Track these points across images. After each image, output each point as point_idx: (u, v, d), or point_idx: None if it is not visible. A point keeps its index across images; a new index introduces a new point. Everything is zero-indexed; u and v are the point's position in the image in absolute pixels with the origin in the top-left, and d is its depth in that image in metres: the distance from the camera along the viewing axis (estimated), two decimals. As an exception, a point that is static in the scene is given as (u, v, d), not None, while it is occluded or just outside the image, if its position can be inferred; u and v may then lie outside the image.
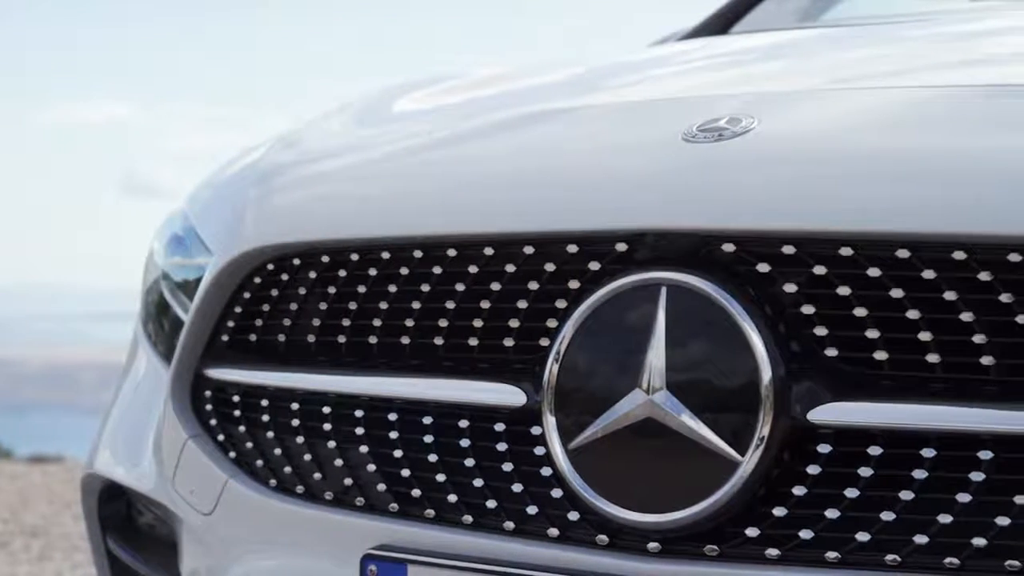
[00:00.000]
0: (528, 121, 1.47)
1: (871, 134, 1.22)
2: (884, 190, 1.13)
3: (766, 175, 1.18)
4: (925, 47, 1.62)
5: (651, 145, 1.28)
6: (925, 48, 1.61)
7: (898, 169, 1.15)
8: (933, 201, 1.10)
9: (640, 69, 1.74)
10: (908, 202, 1.11)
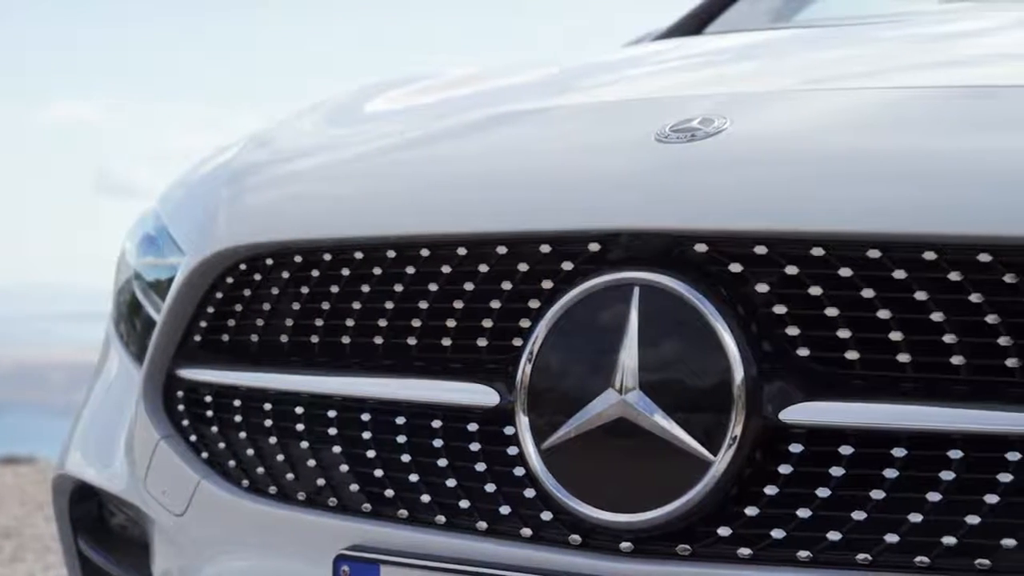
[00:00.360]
0: (501, 121, 1.48)
1: (843, 135, 1.23)
2: (855, 191, 1.14)
3: (738, 175, 1.19)
4: (897, 48, 1.63)
5: (624, 145, 1.28)
6: (897, 49, 1.62)
7: (869, 170, 1.16)
8: (903, 202, 1.11)
9: (614, 69, 1.74)
10: (879, 203, 1.12)
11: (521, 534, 1.21)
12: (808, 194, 1.15)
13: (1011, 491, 1.05)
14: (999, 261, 1.07)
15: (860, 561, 1.09)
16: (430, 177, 1.39)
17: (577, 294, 1.20)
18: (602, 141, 1.33)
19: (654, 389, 1.15)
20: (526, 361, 1.21)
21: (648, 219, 1.18)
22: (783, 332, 1.14)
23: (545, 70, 1.75)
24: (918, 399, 1.09)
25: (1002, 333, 1.07)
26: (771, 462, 1.13)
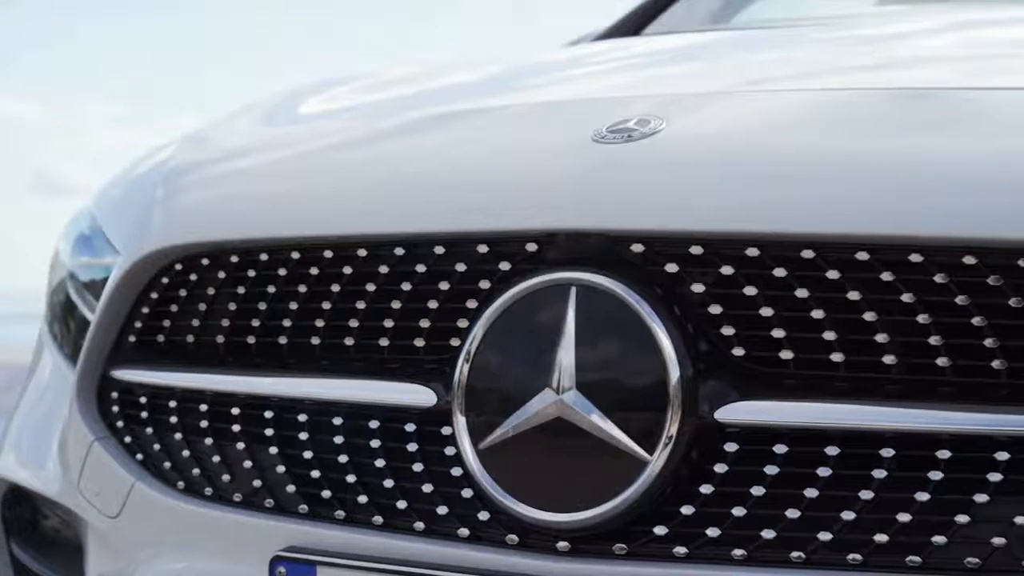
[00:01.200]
0: (439, 121, 1.48)
1: (777, 136, 1.24)
2: (789, 191, 1.15)
3: (673, 176, 1.20)
4: (833, 50, 1.65)
5: (561, 146, 1.29)
6: (833, 51, 1.64)
7: (803, 171, 1.17)
8: (837, 202, 1.13)
9: (553, 70, 1.75)
10: (812, 203, 1.13)
11: (458, 534, 1.22)
12: (742, 195, 1.16)
13: (942, 488, 1.07)
14: (931, 261, 1.08)
15: (794, 559, 1.10)
16: (367, 177, 1.39)
17: (514, 294, 1.21)
18: (540, 141, 1.34)
19: (591, 389, 1.16)
20: (463, 361, 1.22)
21: (585, 219, 1.19)
22: (719, 332, 1.15)
23: (484, 70, 1.76)
24: (851, 398, 1.10)
25: (933, 332, 1.09)
26: (707, 461, 1.14)
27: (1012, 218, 1.07)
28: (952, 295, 1.08)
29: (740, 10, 2.20)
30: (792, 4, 2.24)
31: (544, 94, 1.59)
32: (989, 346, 1.07)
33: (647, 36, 2.11)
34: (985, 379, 1.07)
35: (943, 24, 1.79)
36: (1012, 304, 1.06)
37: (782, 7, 2.20)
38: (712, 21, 2.17)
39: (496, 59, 1.83)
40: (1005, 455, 1.05)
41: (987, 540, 1.05)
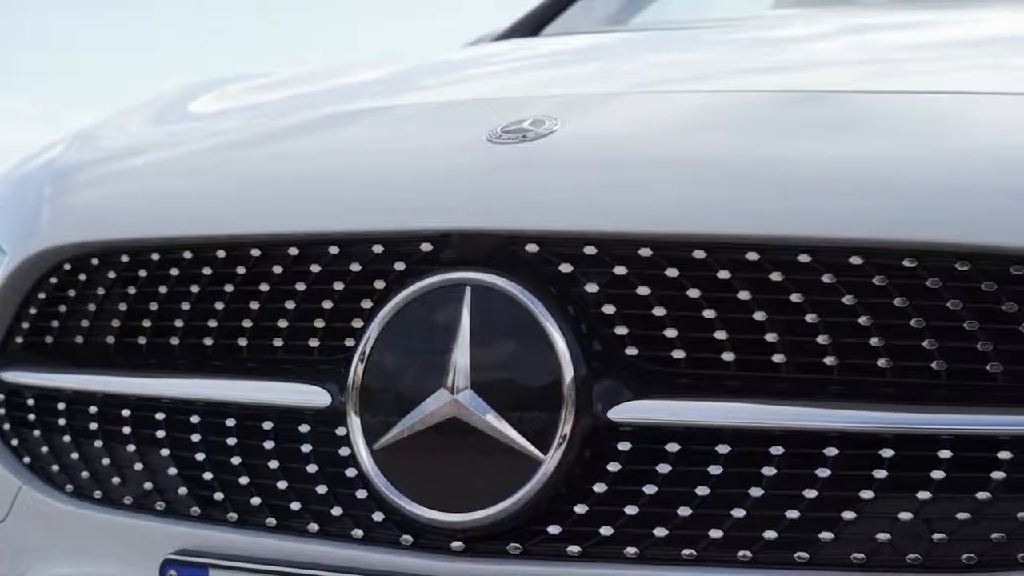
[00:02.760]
0: (334, 121, 1.49)
1: (670, 137, 1.27)
2: (681, 193, 1.18)
3: (568, 177, 1.22)
4: (729, 52, 1.68)
5: (457, 146, 1.30)
6: (729, 53, 1.67)
7: (694, 172, 1.20)
8: (727, 204, 1.15)
9: (451, 70, 1.77)
10: (703, 204, 1.16)
11: (352, 535, 1.22)
12: (635, 196, 1.19)
13: (830, 485, 1.10)
14: (818, 262, 1.12)
15: (685, 557, 1.13)
16: (261, 176, 1.39)
17: (409, 294, 1.22)
18: (435, 141, 1.35)
19: (486, 389, 1.17)
20: (358, 361, 1.22)
21: (479, 219, 1.21)
22: (612, 332, 1.17)
23: (380, 70, 1.76)
24: (742, 397, 1.13)
25: (821, 332, 1.12)
26: (600, 460, 1.16)
27: (896, 220, 1.10)
28: (839, 295, 1.11)
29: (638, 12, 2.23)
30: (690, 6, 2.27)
31: (441, 94, 1.60)
32: (875, 345, 1.10)
33: (546, 37, 2.13)
34: (871, 377, 1.10)
35: (838, 28, 1.83)
36: (897, 304, 1.09)
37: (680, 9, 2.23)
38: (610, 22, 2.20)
39: (393, 59, 1.84)
40: (890, 452, 1.09)
41: (872, 536, 1.08)
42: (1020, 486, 1.06)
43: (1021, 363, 1.07)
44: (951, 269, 1.08)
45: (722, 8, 2.23)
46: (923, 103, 1.26)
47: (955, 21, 1.76)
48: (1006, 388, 1.07)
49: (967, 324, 1.07)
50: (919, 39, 1.65)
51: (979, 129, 1.19)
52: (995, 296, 1.07)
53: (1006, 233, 1.07)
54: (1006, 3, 1.90)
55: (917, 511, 1.08)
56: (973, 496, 1.06)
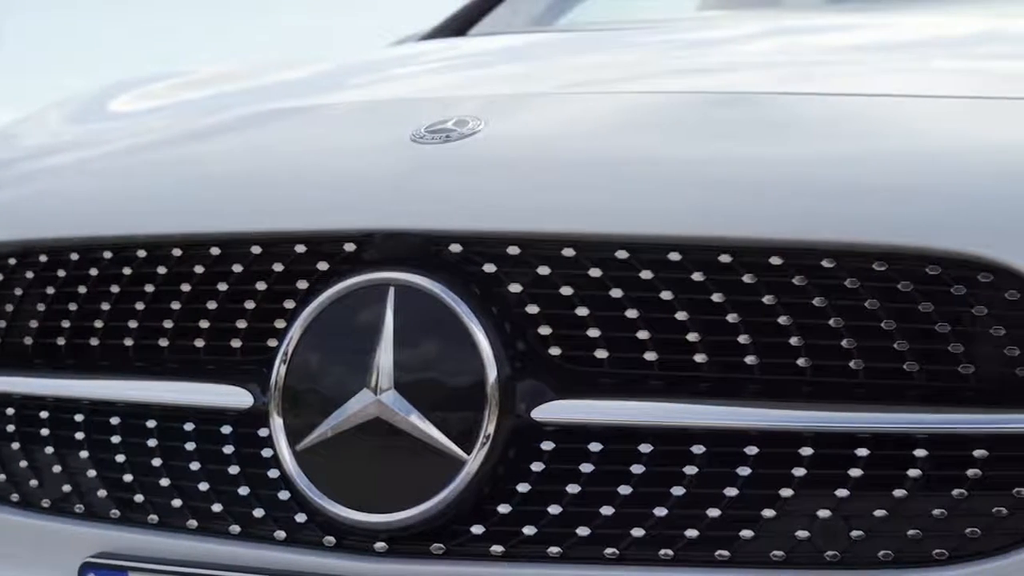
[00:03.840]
0: (257, 120, 1.49)
1: (594, 138, 1.28)
2: (604, 193, 1.19)
3: (491, 177, 1.23)
4: (654, 54, 1.70)
5: (380, 146, 1.31)
6: (653, 55, 1.69)
7: (617, 173, 1.21)
8: (649, 204, 1.17)
9: (376, 69, 1.77)
10: (625, 205, 1.18)
11: (275, 537, 1.23)
12: (558, 196, 1.20)
13: (749, 484, 1.12)
14: (739, 262, 1.13)
15: (608, 555, 1.14)
16: (182, 175, 1.39)
17: (332, 294, 1.22)
18: (359, 141, 1.35)
19: (409, 389, 1.18)
20: (280, 362, 1.23)
21: (402, 219, 1.22)
22: (536, 331, 1.18)
23: (305, 69, 1.77)
24: (664, 396, 1.15)
25: (742, 331, 1.13)
26: (524, 460, 1.17)
27: (815, 220, 1.12)
28: (760, 295, 1.13)
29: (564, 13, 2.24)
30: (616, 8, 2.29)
31: (365, 94, 1.60)
32: (795, 344, 1.12)
33: (472, 37, 2.14)
34: (791, 376, 1.12)
35: (763, 30, 1.85)
36: (816, 304, 1.11)
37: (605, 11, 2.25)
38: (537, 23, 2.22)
39: (319, 58, 1.84)
40: (809, 450, 1.11)
41: (792, 534, 1.11)
42: (936, 484, 1.08)
43: (937, 362, 1.09)
44: (869, 269, 1.10)
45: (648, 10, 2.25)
46: (843, 105, 1.28)
47: (879, 24, 1.80)
48: (923, 387, 1.09)
49: (884, 323, 1.10)
50: (842, 42, 1.68)
51: (897, 131, 1.22)
52: (911, 296, 1.09)
53: (922, 233, 1.09)
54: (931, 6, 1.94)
55: (836, 509, 1.10)
56: (890, 494, 1.09)
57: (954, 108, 1.26)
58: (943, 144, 1.18)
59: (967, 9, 1.91)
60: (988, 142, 1.17)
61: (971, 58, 1.49)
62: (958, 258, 1.08)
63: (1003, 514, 1.07)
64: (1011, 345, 1.07)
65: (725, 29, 1.93)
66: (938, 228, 1.09)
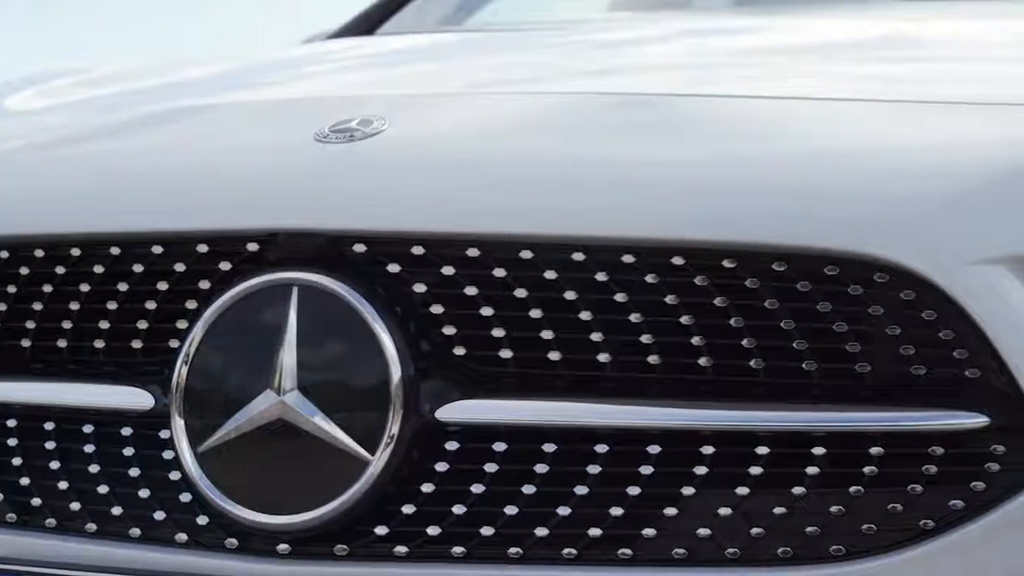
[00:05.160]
0: (160, 118, 1.49)
1: (500, 139, 1.30)
2: (508, 194, 1.21)
3: (395, 177, 1.24)
4: (562, 55, 1.72)
5: (284, 145, 1.32)
6: (562, 56, 1.71)
7: (522, 173, 1.23)
8: (553, 205, 1.19)
9: (283, 68, 1.78)
10: (530, 205, 1.19)
11: (176, 539, 1.23)
12: (463, 196, 1.21)
13: (652, 482, 1.14)
14: (642, 262, 1.16)
15: (512, 555, 1.15)
16: (81, 174, 1.38)
17: (235, 294, 1.23)
18: (263, 140, 1.36)
19: (313, 390, 1.19)
20: (182, 363, 1.23)
21: (306, 219, 1.22)
22: (440, 332, 1.19)
23: (210, 67, 1.77)
24: (567, 396, 1.16)
25: (645, 331, 1.16)
26: (428, 460, 1.18)
27: (716, 221, 1.15)
28: (662, 295, 1.15)
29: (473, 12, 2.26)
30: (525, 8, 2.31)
31: (270, 92, 1.61)
32: (696, 344, 1.14)
33: (380, 36, 2.15)
34: (693, 376, 1.15)
35: (671, 32, 1.88)
36: (717, 303, 1.14)
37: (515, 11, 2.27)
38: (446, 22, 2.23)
39: (225, 56, 1.84)
40: (710, 449, 1.13)
41: (693, 532, 1.13)
42: (833, 481, 1.11)
43: (834, 361, 1.12)
44: (769, 269, 1.13)
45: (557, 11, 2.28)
46: (745, 107, 1.31)
47: (785, 27, 1.83)
48: (820, 386, 1.12)
49: (784, 323, 1.12)
50: (748, 44, 1.71)
51: (798, 133, 1.25)
52: (810, 296, 1.12)
53: (820, 234, 1.12)
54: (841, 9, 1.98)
55: (736, 507, 1.12)
56: (790, 491, 1.11)
57: (853, 110, 1.29)
58: (841, 146, 1.21)
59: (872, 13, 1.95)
60: (885, 144, 1.20)
61: (872, 61, 1.52)
62: (855, 258, 1.11)
63: (898, 510, 1.10)
64: (906, 344, 1.11)
65: (633, 31, 1.96)
66: (835, 229, 1.12)
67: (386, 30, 2.18)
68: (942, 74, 1.43)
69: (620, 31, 1.96)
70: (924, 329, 1.10)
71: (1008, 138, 1.18)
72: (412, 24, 2.19)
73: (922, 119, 1.25)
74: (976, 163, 1.16)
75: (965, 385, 1.10)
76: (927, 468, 1.10)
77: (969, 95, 1.31)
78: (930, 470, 1.10)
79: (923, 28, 1.74)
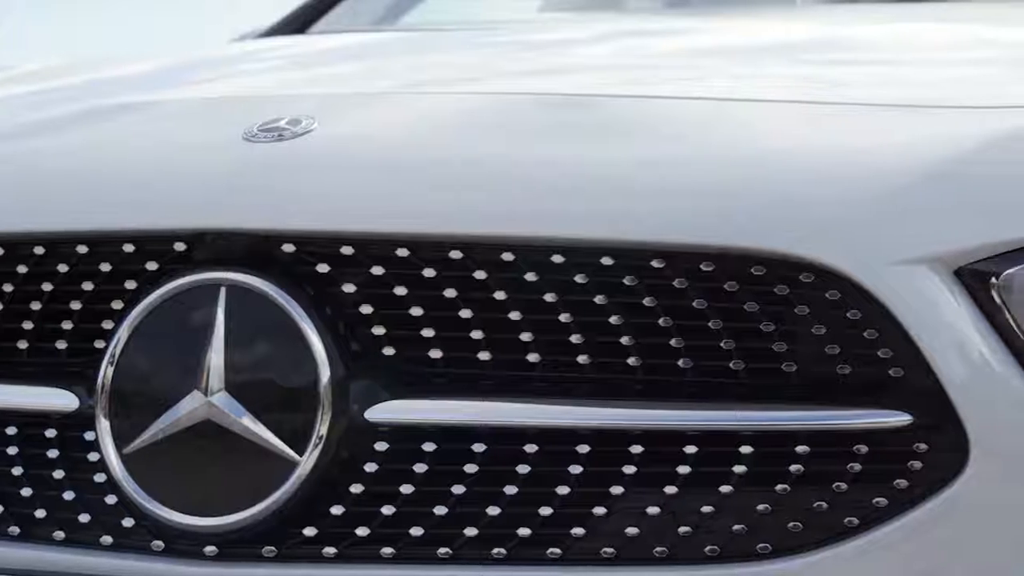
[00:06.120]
0: (86, 116, 1.48)
1: (430, 138, 1.30)
2: (437, 193, 1.22)
3: (324, 176, 1.25)
4: (493, 55, 1.73)
5: (212, 144, 1.32)
6: (493, 56, 1.72)
7: (452, 174, 1.24)
8: (482, 205, 1.20)
9: (213, 66, 1.78)
10: (459, 205, 1.20)
11: (101, 542, 1.22)
12: (391, 196, 1.22)
13: (581, 482, 1.15)
14: (571, 262, 1.17)
15: (441, 555, 1.16)
16: (5, 173, 1.37)
17: (161, 295, 1.22)
18: (191, 139, 1.36)
19: (241, 390, 1.19)
20: (107, 364, 1.23)
21: (233, 219, 1.23)
22: (370, 332, 1.20)
23: (139, 65, 1.76)
24: (496, 396, 1.17)
25: (574, 331, 1.17)
26: (357, 461, 1.19)
27: (644, 222, 1.16)
28: (592, 295, 1.16)
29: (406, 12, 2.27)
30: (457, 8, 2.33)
31: (199, 91, 1.60)
32: (625, 344, 1.16)
33: (312, 35, 2.15)
34: (622, 375, 1.16)
35: (603, 33, 1.90)
36: (646, 304, 1.15)
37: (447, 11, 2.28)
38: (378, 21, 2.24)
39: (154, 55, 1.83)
40: (639, 448, 1.15)
41: (622, 531, 1.14)
42: (760, 480, 1.12)
43: (761, 360, 1.13)
44: (697, 270, 1.14)
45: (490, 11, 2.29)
46: (674, 108, 1.33)
47: (716, 29, 1.85)
48: (747, 385, 1.14)
49: (712, 323, 1.14)
50: (679, 46, 1.73)
51: (726, 134, 1.26)
52: (737, 296, 1.14)
53: (747, 235, 1.14)
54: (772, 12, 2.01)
55: (664, 506, 1.14)
56: (717, 490, 1.13)
57: (780, 112, 1.31)
58: (769, 147, 1.23)
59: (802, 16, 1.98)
60: (811, 145, 1.22)
61: (801, 64, 1.55)
62: (782, 259, 1.13)
63: (823, 508, 1.12)
64: (832, 344, 1.12)
65: (564, 31, 1.97)
66: (762, 230, 1.14)
67: (318, 29, 2.19)
68: (869, 77, 1.46)
69: (552, 32, 1.97)
70: (849, 329, 1.12)
71: (931, 140, 1.21)
72: (344, 23, 2.19)
73: (848, 121, 1.27)
74: (901, 165, 1.18)
75: (889, 384, 1.12)
76: (852, 466, 1.12)
77: (894, 98, 1.33)
78: (855, 468, 1.12)
79: (853, 32, 1.77)
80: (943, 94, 1.35)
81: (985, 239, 1.12)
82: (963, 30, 1.73)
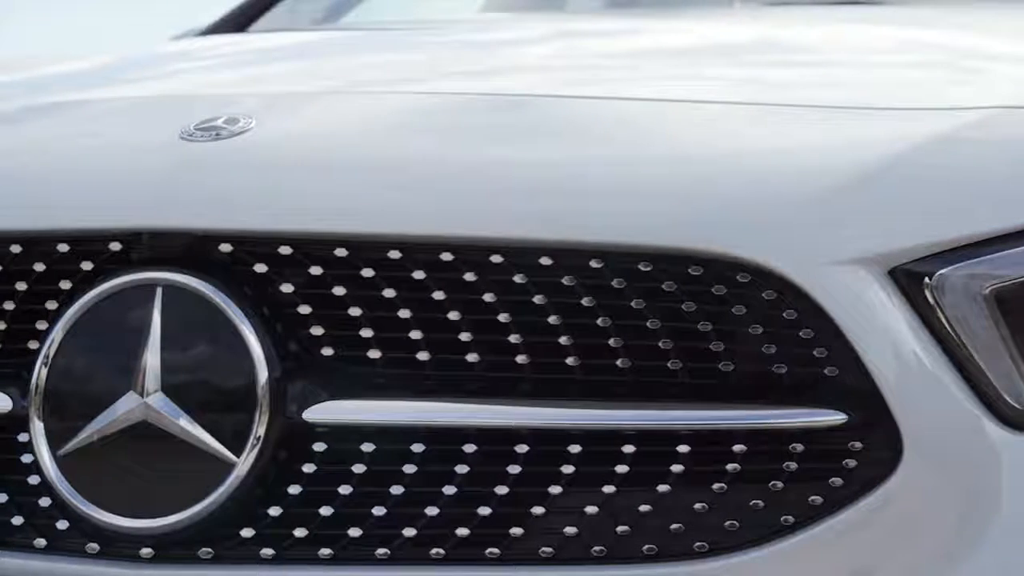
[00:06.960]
0: (19, 115, 1.47)
1: (369, 138, 1.31)
2: (376, 193, 1.22)
3: (261, 176, 1.25)
4: (434, 55, 1.74)
5: (148, 143, 1.31)
6: (434, 56, 1.73)
7: (391, 173, 1.24)
8: (421, 205, 1.20)
9: (151, 65, 1.77)
10: (398, 205, 1.21)
11: (35, 545, 1.22)
12: (331, 196, 1.22)
13: (519, 482, 1.16)
14: (510, 262, 1.18)
15: (379, 556, 1.17)
16: None
17: (96, 295, 1.22)
18: (127, 138, 1.35)
19: (178, 391, 1.19)
20: (41, 364, 1.22)
21: (170, 218, 1.22)
22: (308, 332, 1.20)
23: (79, 63, 1.75)
24: (436, 396, 1.18)
25: (513, 331, 1.18)
26: (295, 461, 1.19)
27: (582, 222, 1.17)
28: (530, 295, 1.17)
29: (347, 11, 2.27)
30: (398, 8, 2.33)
31: (136, 89, 1.60)
32: (564, 344, 1.17)
33: (252, 33, 2.15)
34: (561, 375, 1.17)
35: (545, 33, 1.91)
36: (585, 303, 1.16)
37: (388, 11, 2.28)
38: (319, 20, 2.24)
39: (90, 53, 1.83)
40: (577, 448, 1.16)
41: (561, 530, 1.15)
42: (697, 479, 1.14)
43: (699, 360, 1.15)
44: (635, 269, 1.15)
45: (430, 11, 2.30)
46: (614, 109, 1.34)
47: (659, 30, 1.87)
48: (685, 384, 1.15)
49: (650, 323, 1.15)
50: (621, 47, 1.74)
51: (664, 135, 1.28)
52: (675, 296, 1.15)
53: (684, 235, 1.15)
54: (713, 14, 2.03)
55: (603, 505, 1.15)
56: (655, 489, 1.14)
57: (718, 113, 1.32)
58: (706, 148, 1.24)
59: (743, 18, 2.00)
60: (748, 146, 1.24)
61: (741, 66, 1.56)
62: (718, 259, 1.14)
63: (760, 507, 1.13)
64: (769, 343, 1.14)
65: (506, 32, 1.98)
66: (699, 230, 1.15)
67: (258, 27, 2.19)
68: (808, 79, 1.48)
69: (493, 32, 1.98)
70: (785, 328, 1.14)
71: (868, 141, 1.22)
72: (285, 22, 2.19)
73: (784, 122, 1.29)
74: (837, 166, 1.19)
75: (824, 383, 1.13)
76: (788, 465, 1.13)
77: (832, 99, 1.35)
78: (791, 467, 1.13)
79: (793, 33, 1.79)
80: (881, 96, 1.37)
81: (919, 240, 1.14)
82: (902, 34, 1.76)
